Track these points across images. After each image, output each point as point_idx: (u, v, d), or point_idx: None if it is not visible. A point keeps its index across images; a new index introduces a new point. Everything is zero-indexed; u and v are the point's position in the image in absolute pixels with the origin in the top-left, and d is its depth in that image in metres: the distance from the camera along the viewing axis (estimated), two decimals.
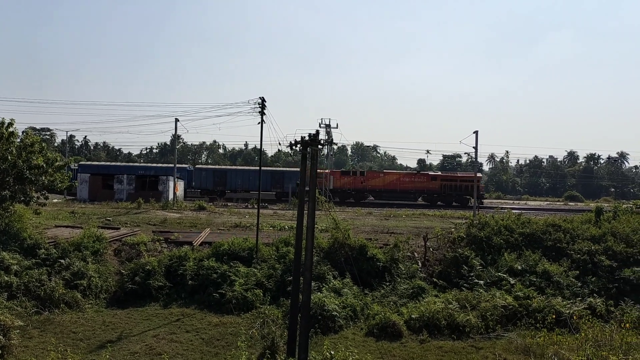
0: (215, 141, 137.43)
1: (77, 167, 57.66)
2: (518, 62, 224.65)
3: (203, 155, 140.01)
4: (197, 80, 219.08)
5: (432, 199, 57.31)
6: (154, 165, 79.75)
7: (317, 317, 16.67)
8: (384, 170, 66.66)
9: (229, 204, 47.99)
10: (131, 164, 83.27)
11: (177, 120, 45.55)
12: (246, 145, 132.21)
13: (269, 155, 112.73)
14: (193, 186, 59.99)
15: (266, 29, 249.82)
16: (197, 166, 69.79)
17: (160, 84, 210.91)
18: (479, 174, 64.83)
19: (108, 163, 71.07)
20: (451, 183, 57.90)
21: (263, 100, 23.08)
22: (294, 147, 14.07)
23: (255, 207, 37.88)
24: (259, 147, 24.40)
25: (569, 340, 15.85)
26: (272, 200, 54.51)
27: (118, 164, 71.84)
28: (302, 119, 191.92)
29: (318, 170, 14.13)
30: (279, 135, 45.15)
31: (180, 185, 52.14)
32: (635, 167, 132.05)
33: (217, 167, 71.84)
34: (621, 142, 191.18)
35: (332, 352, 12.66)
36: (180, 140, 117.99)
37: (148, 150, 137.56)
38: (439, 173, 63.86)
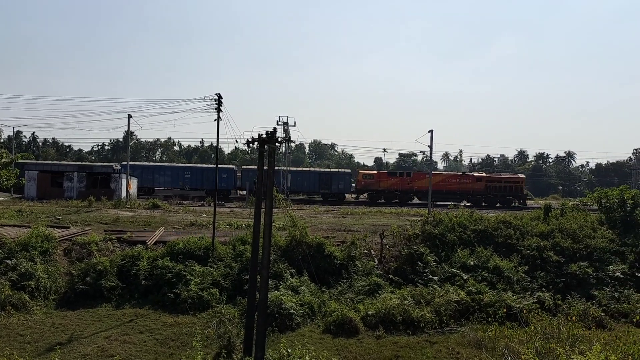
0: (170, 138, 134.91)
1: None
2: (471, 62, 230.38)
3: (157, 153, 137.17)
4: (152, 75, 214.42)
5: (477, 199, 56.48)
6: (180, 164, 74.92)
7: (274, 316, 16.64)
8: (431, 172, 67.14)
9: (185, 202, 47.21)
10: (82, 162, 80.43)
11: (130, 116, 44.41)
12: (202, 142, 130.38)
13: (226, 152, 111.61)
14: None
15: (222, 25, 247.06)
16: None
17: (112, 78, 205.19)
18: (521, 175, 65.43)
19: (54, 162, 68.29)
20: (496, 184, 58.05)
21: (220, 96, 22.78)
22: (251, 145, 13.96)
23: (212, 205, 37.39)
24: (215, 144, 24.09)
25: (519, 334, 16.39)
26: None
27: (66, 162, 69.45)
28: (260, 117, 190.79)
29: (368, 172, 14.03)
30: (236, 133, 44.78)
31: (134, 183, 50.89)
32: (582, 165, 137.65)
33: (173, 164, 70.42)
34: (569, 142, 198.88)
35: (289, 350, 12.65)
36: (134, 137, 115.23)
37: (100, 147, 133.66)
38: (484, 174, 63.56)
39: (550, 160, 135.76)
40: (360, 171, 63.36)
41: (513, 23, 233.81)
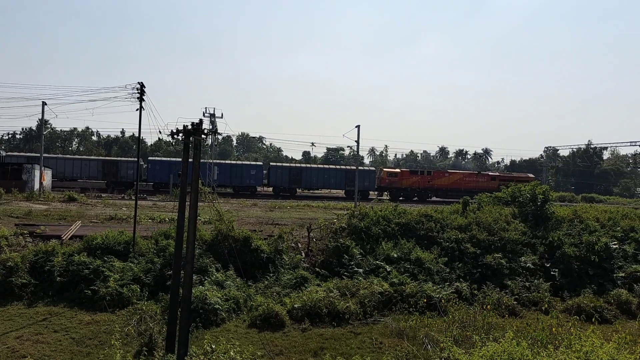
0: (88, 127, 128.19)
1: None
2: (397, 60, 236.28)
3: (74, 143, 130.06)
4: (70, 63, 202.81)
5: None
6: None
7: (198, 311, 16.32)
8: (449, 170, 67.73)
9: (103, 195, 45.18)
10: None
11: (44, 103, 41.85)
12: (123, 132, 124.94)
13: (149, 144, 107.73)
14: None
15: (149, 14, 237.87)
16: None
17: (26, 64, 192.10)
18: (530, 175, 67.85)
19: None
20: (507, 183, 59.07)
21: (142, 85, 21.90)
22: (175, 136, 13.55)
23: (133, 198, 36.03)
24: (137, 135, 23.16)
25: (438, 323, 17.09)
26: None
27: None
28: (186, 109, 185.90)
29: (392, 170, 13.69)
30: (160, 124, 43.32)
31: (48, 174, 48.03)
32: (497, 162, 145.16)
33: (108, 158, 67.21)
34: (485, 140, 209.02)
35: (214, 346, 12.44)
36: (48, 126, 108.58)
37: (11, 135, 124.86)
38: (498, 174, 66.75)
39: (469, 156, 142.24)
40: (385, 169, 64.25)
41: (438, 23, 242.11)
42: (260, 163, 65.37)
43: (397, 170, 62.84)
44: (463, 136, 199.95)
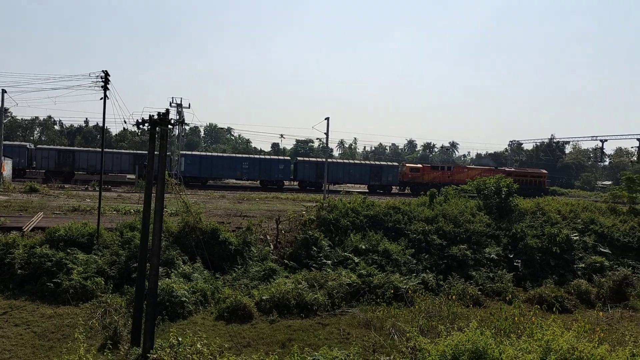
0: (50, 117, 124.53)
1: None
2: (366, 53, 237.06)
3: (36, 132, 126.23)
4: (32, 49, 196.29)
5: None
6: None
7: (164, 304, 16.13)
8: (467, 166, 68.90)
9: (66, 185, 44.06)
10: None
11: (4, 91, 40.48)
12: (87, 122, 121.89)
13: (114, 134, 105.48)
14: (34, 167, 54.42)
15: (115, 0, 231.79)
16: (39, 146, 62.89)
17: None
18: (543, 171, 70.22)
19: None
20: (523, 178, 61.38)
21: (106, 73, 21.38)
22: (141, 126, 13.28)
23: (97, 189, 35.24)
24: (101, 124, 22.63)
25: (405, 313, 17.33)
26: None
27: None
28: (152, 99, 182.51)
29: (414, 165, 13.44)
30: (125, 113, 42.49)
31: (8, 164, 46.54)
32: (464, 155, 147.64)
33: (62, 147, 65.36)
34: (452, 133, 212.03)
35: (180, 339, 12.31)
36: (8, 114, 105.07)
37: None
38: (513, 169, 67.60)
39: (436, 149, 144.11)
40: (407, 164, 64.99)
41: (408, 17, 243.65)
42: (288, 158, 66.80)
43: (419, 165, 64.22)
44: (431, 129, 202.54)
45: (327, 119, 41.46)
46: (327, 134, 42.30)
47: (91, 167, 54.77)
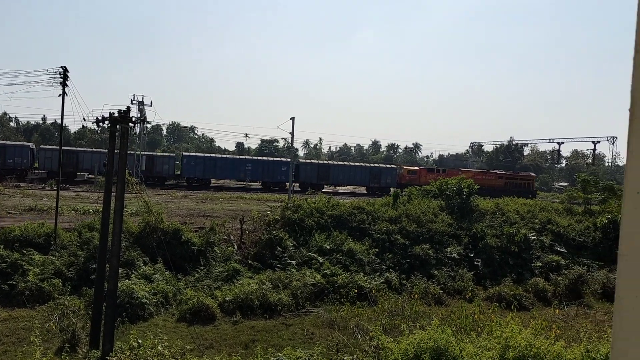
0: (5, 113, 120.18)
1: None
2: (332, 53, 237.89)
3: None
4: None
5: (497, 194, 59.40)
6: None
7: (124, 306, 15.80)
8: (461, 169, 69.96)
9: (22, 184, 42.61)
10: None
11: None
12: (44, 119, 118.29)
13: (72, 131, 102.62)
14: (37, 168, 52.67)
15: None
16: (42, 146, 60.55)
17: None
18: (532, 174, 74.04)
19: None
20: (513, 181, 65.18)
21: (65, 70, 20.79)
22: (101, 124, 12.97)
23: (54, 188, 34.23)
24: (60, 122, 21.97)
25: (368, 312, 17.47)
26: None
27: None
28: (113, 96, 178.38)
29: (412, 168, 13.15)
30: (84, 111, 41.31)
31: None
32: (427, 156, 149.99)
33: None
34: (415, 134, 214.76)
35: (140, 341, 12.07)
36: None
37: None
38: (504, 172, 70.36)
39: (400, 150, 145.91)
40: (404, 167, 66.81)
41: (374, 17, 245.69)
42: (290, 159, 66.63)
43: (416, 168, 66.18)
44: (396, 130, 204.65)
45: (293, 118, 41.46)
46: (292, 133, 42.30)
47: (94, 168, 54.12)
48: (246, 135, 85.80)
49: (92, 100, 19.03)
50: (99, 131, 13.30)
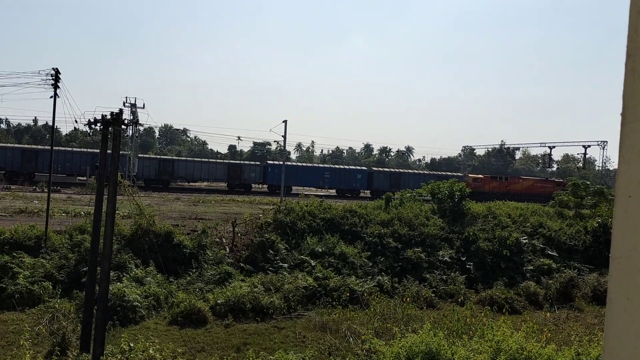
0: None
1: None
2: (323, 58, 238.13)
3: None
4: None
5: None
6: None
7: (116, 309, 15.70)
8: (522, 177, 72.44)
9: (13, 186, 42.30)
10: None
11: None
12: (35, 121, 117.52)
13: (64, 133, 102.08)
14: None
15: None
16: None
17: None
18: (588, 182, 73.76)
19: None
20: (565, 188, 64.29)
21: (57, 71, 20.68)
22: (93, 126, 12.91)
23: (45, 190, 34.00)
24: (51, 124, 21.85)
25: (360, 315, 17.48)
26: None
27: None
28: (106, 98, 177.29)
29: (477, 176, 13.05)
30: (76, 112, 41.10)
31: None
32: (419, 159, 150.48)
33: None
34: (407, 137, 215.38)
35: (132, 344, 12.00)
36: None
37: None
38: (562, 180, 70.92)
39: (392, 154, 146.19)
40: (470, 175, 69.66)
41: (363, 24, 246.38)
42: (365, 168, 70.26)
43: (481, 176, 68.54)
44: (387, 134, 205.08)
45: (285, 121, 41.49)
46: (284, 136, 42.32)
47: (189, 175, 57.40)
48: (239, 138, 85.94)
49: (83, 103, 18.92)
50: (91, 133, 13.23)
